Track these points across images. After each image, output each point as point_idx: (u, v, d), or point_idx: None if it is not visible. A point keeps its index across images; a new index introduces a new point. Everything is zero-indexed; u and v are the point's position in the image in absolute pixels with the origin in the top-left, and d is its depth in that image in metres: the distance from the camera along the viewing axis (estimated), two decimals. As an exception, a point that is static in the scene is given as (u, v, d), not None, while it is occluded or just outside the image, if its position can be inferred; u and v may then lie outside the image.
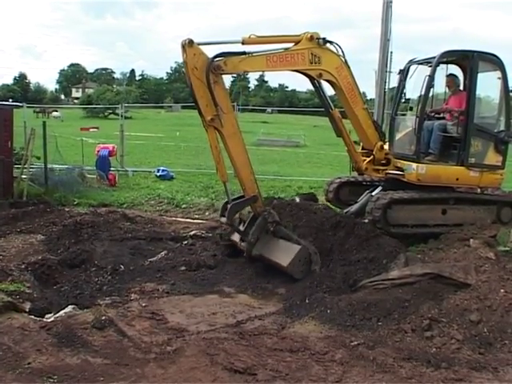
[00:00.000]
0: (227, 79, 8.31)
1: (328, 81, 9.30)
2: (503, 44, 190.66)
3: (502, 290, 6.85)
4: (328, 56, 9.06)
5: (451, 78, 10.40)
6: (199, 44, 7.89)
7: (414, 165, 9.59)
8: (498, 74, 9.89)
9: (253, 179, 8.50)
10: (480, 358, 5.75)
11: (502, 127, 10.10)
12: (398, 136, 10.46)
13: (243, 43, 8.35)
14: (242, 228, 8.70)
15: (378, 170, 10.06)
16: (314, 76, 9.10)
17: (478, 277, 7.13)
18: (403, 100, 10.67)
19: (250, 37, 8.41)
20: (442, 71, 10.32)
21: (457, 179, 9.86)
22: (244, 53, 8.30)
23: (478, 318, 6.36)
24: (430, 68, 9.72)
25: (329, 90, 9.71)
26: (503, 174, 10.26)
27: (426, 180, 9.59)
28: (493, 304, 6.60)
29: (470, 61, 9.74)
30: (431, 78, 9.61)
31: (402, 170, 9.83)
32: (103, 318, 6.27)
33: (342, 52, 9.21)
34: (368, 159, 9.96)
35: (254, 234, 8.32)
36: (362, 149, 10.21)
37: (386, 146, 10.14)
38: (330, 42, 9.06)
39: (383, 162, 10.03)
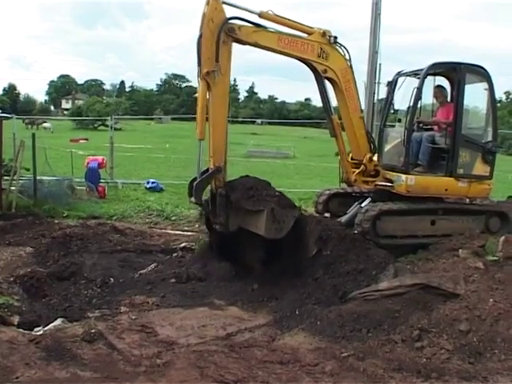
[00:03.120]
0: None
1: (331, 80, 9.55)
2: (491, 54, 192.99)
3: (491, 300, 6.89)
4: (336, 56, 9.39)
5: (439, 89, 10.48)
6: (223, 2, 8.22)
7: (404, 176, 9.62)
8: (485, 85, 9.99)
9: (223, 150, 8.63)
10: (470, 368, 5.77)
11: (490, 138, 10.18)
12: (386, 147, 10.48)
13: (260, 16, 8.70)
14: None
15: (368, 182, 10.11)
16: (320, 70, 9.35)
17: (467, 287, 7.16)
18: (392, 111, 10.73)
19: (267, 12, 8.76)
20: (430, 83, 10.39)
21: (446, 190, 9.89)
22: (259, 25, 8.63)
23: (467, 328, 6.39)
24: (417, 80, 9.81)
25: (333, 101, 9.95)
26: (491, 184, 10.32)
27: (415, 191, 9.62)
28: (482, 314, 6.63)
29: (457, 73, 9.80)
30: (419, 89, 9.67)
31: (392, 182, 9.87)
32: (93, 331, 6.25)
33: (349, 57, 9.54)
34: (357, 171, 10.02)
35: (221, 215, 8.32)
36: (351, 159, 10.27)
37: (375, 158, 10.20)
38: (340, 44, 9.42)
39: (372, 173, 10.09)
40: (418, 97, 9.76)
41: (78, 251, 9.66)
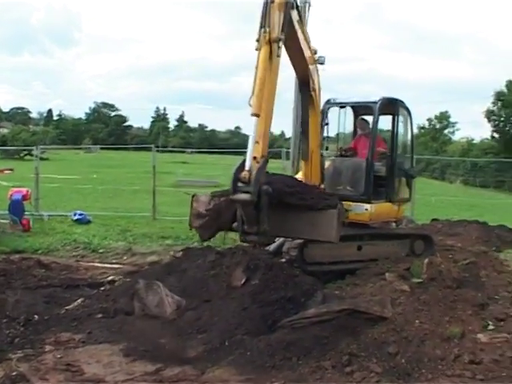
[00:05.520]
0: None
1: (311, 98, 9.46)
2: (414, 83, 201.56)
3: (417, 321, 7.15)
4: (318, 77, 9.49)
5: (363, 121, 11.17)
6: None
7: (367, 205, 9.89)
8: (402, 118, 10.88)
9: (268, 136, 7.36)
10: (399, 389, 5.88)
11: (409, 164, 10.86)
12: (328, 176, 10.63)
13: None
14: None
15: None
16: (311, 86, 9.29)
17: (393, 309, 7.36)
18: (325, 139, 11.11)
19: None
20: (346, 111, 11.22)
21: (387, 214, 10.54)
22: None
23: (395, 350, 6.56)
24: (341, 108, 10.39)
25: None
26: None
27: (375, 219, 9.98)
28: (409, 335, 6.85)
29: (393, 106, 10.61)
30: (376, 123, 10.38)
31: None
32: (14, 373, 5.99)
33: None
34: None
35: (265, 221, 6.87)
36: None
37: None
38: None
39: None
40: (376, 129, 10.40)
41: (0, 288, 9.26)
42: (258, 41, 7.21)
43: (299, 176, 10.26)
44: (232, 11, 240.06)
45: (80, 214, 17.06)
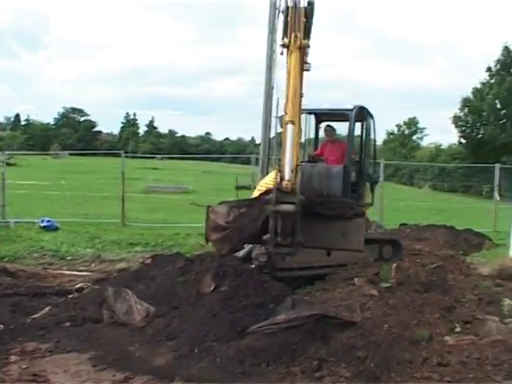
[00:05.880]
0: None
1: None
2: (384, 89, 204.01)
3: (385, 325, 7.19)
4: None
5: (330, 128, 11.33)
6: None
7: None
8: (368, 124, 11.01)
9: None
10: (369, 394, 5.90)
11: (373, 169, 11.33)
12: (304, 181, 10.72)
13: None
14: None
15: None
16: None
17: (362, 314, 7.40)
18: None
19: None
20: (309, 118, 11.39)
21: None
22: None
23: (364, 354, 6.58)
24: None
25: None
26: None
27: None
28: (378, 339, 6.87)
29: (363, 114, 10.75)
30: (353, 130, 10.59)
31: None
32: (-22, 384, 5.87)
33: None
34: None
35: (299, 231, 6.86)
36: None
37: None
38: None
39: None
40: (353, 135, 10.60)
41: (-35, 297, 9.11)
42: (284, 46, 7.31)
43: (266, 182, 10.20)
44: (201, 16, 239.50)
45: (48, 221, 16.83)
